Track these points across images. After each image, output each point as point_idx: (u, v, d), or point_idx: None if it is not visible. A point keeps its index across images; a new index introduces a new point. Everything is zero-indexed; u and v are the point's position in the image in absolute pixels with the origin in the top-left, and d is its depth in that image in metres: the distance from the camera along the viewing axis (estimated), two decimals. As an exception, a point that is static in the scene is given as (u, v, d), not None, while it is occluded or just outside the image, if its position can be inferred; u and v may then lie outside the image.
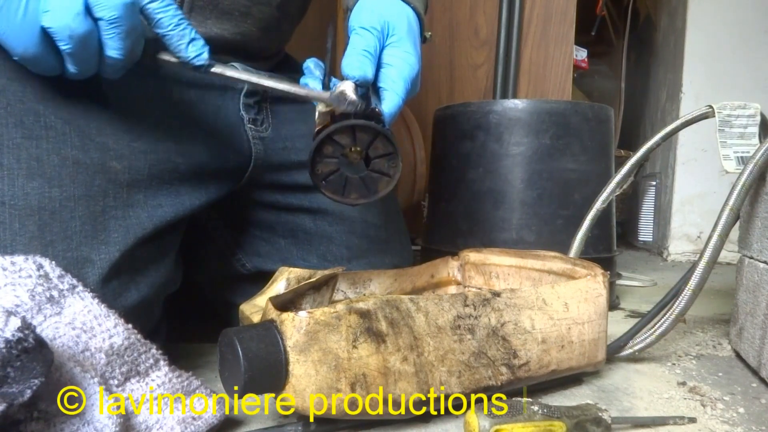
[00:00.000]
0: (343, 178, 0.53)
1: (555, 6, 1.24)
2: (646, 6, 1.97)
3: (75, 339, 0.39)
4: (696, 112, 0.73)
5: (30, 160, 0.45)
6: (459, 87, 1.30)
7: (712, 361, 0.67)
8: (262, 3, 0.64)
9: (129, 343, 0.41)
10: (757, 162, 0.61)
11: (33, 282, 0.39)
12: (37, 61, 0.43)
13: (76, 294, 0.40)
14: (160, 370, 0.42)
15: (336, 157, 0.52)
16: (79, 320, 0.40)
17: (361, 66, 0.52)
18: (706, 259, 0.61)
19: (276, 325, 0.42)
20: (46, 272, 0.40)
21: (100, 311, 0.40)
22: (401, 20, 0.57)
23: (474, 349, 0.48)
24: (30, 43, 0.42)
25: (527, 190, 0.89)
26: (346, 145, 0.51)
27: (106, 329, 0.40)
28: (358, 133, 0.51)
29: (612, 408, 0.52)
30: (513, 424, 0.41)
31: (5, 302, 0.37)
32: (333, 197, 0.54)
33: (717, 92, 1.51)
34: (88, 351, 0.39)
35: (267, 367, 0.41)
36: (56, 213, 0.45)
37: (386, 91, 0.54)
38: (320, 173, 0.52)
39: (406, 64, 0.55)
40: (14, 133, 0.45)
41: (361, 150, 0.52)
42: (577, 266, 0.60)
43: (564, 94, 1.26)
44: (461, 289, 0.71)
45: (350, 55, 0.52)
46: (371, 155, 0.53)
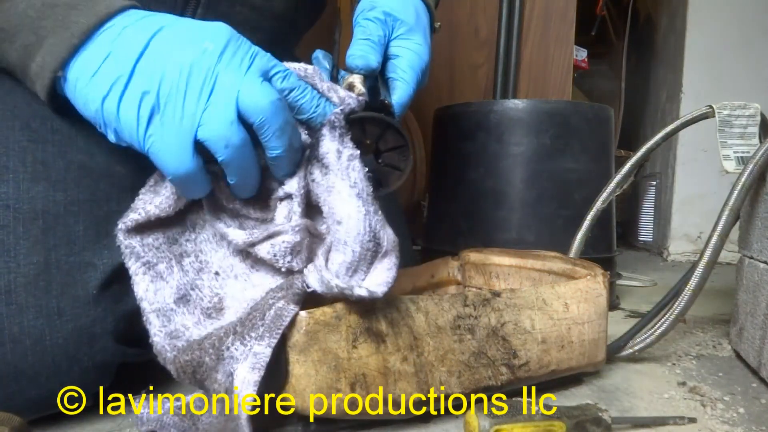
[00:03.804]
0: None
1: (555, 6, 1.24)
2: (646, 6, 1.97)
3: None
4: (696, 112, 0.73)
5: (35, 164, 0.45)
6: (459, 87, 1.30)
7: (712, 361, 0.67)
8: (272, 18, 0.64)
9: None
10: (757, 162, 0.61)
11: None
12: (190, 179, 0.42)
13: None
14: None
15: None
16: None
17: (364, 55, 0.51)
18: (706, 259, 0.61)
19: (276, 325, 0.42)
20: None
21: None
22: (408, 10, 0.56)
23: (474, 349, 0.48)
24: (185, 157, 0.41)
25: (527, 190, 0.89)
26: (356, 138, 0.50)
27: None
28: (367, 126, 0.50)
29: (612, 408, 0.52)
30: (513, 424, 0.41)
31: None
32: None
33: (717, 92, 1.51)
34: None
35: (267, 367, 0.41)
36: (60, 217, 0.45)
37: (396, 81, 0.54)
38: None
39: (415, 55, 0.55)
40: (20, 136, 0.45)
41: (371, 143, 0.51)
42: (577, 266, 0.60)
43: (564, 94, 1.26)
44: (461, 289, 0.71)
45: (353, 45, 0.52)
46: (381, 148, 0.51)
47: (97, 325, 0.45)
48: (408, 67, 0.54)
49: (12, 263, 0.42)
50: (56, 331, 0.43)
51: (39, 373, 0.43)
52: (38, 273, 0.43)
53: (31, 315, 0.42)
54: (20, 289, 0.42)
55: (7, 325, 0.42)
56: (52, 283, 0.43)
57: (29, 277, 0.43)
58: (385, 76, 0.55)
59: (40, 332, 0.43)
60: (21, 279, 0.42)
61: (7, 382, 0.42)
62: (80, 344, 0.44)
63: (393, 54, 0.55)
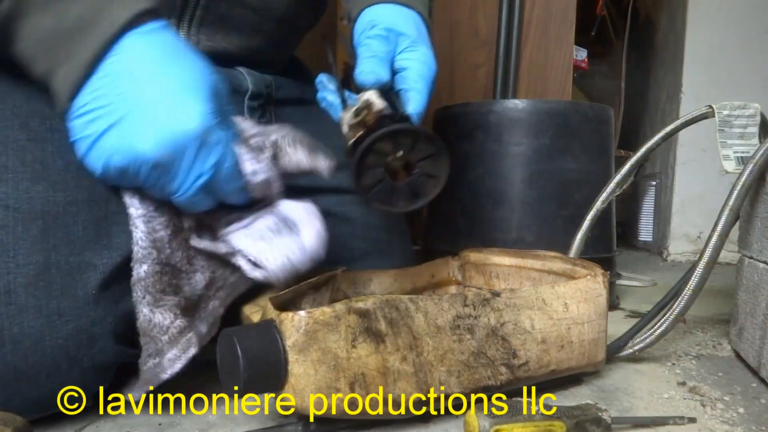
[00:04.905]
0: (389, 187, 0.51)
1: (555, 6, 1.24)
2: (645, 6, 1.97)
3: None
4: (696, 112, 0.73)
5: (35, 164, 0.45)
6: (459, 87, 1.30)
7: (712, 361, 0.67)
8: (272, 19, 0.64)
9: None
10: (757, 162, 0.61)
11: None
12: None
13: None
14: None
15: (380, 166, 0.50)
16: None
17: (374, 70, 0.51)
18: (706, 259, 0.61)
19: (275, 325, 0.42)
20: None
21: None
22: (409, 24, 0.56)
23: (473, 349, 0.48)
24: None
25: (527, 190, 0.89)
26: (389, 153, 0.50)
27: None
28: (400, 138, 0.49)
29: (612, 408, 0.52)
30: (513, 424, 0.41)
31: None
32: (382, 208, 0.52)
33: (717, 92, 1.51)
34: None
35: (266, 366, 0.41)
36: (59, 217, 0.44)
37: (408, 92, 0.54)
38: (366, 185, 0.51)
39: (423, 65, 0.55)
40: (19, 136, 0.45)
41: (404, 155, 0.50)
42: (577, 266, 0.60)
43: (564, 94, 1.26)
44: (461, 289, 0.72)
45: (361, 63, 0.52)
46: (413, 159, 0.51)
47: (97, 325, 0.45)
48: (419, 77, 0.54)
49: (11, 263, 0.42)
50: (56, 331, 0.43)
51: (39, 373, 0.43)
52: (38, 273, 0.43)
53: (30, 315, 0.42)
54: (20, 289, 0.42)
55: (7, 325, 0.42)
56: (52, 283, 0.43)
57: (29, 277, 0.43)
58: (395, 89, 0.54)
59: (39, 333, 0.43)
60: (20, 279, 0.42)
61: (6, 383, 0.42)
62: (80, 345, 0.44)
63: (401, 67, 0.55)
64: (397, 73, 0.55)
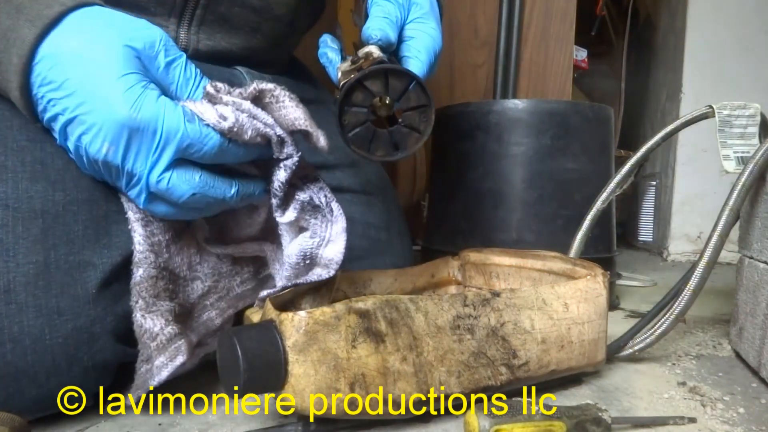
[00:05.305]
0: (371, 132, 0.49)
1: (555, 6, 1.24)
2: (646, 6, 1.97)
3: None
4: (696, 112, 0.73)
5: (34, 163, 0.45)
6: (459, 87, 1.30)
7: (712, 361, 0.67)
8: (272, 19, 0.64)
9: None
10: (757, 162, 0.61)
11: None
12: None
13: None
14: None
15: (365, 106, 0.47)
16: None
17: (383, 28, 0.51)
18: (706, 259, 0.61)
19: (275, 325, 0.42)
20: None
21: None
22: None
23: (473, 349, 0.48)
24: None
25: (527, 190, 0.89)
26: (377, 93, 0.47)
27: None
28: (390, 79, 0.47)
29: (612, 408, 0.52)
30: (513, 424, 0.41)
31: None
32: (359, 152, 0.49)
33: (717, 92, 1.51)
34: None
35: (266, 366, 0.41)
36: (59, 216, 0.44)
37: (410, 59, 0.53)
38: (347, 124, 0.48)
39: (429, 38, 0.55)
40: (19, 136, 0.45)
41: (392, 101, 0.48)
42: (577, 266, 0.60)
43: (564, 94, 1.26)
44: (462, 289, 0.71)
45: (371, 20, 0.52)
46: (402, 107, 0.48)
47: (97, 324, 0.45)
48: (423, 48, 0.54)
49: (11, 263, 0.42)
50: (56, 330, 0.43)
51: (38, 372, 0.43)
52: (38, 272, 0.43)
53: (30, 314, 0.42)
54: (20, 288, 0.42)
55: (7, 324, 0.42)
56: (52, 282, 0.43)
57: (29, 276, 0.43)
58: (398, 56, 0.54)
59: (39, 332, 0.43)
60: (20, 278, 0.42)
61: (6, 382, 0.42)
62: (80, 344, 0.44)
63: (407, 36, 0.55)
64: (403, 42, 0.55)
